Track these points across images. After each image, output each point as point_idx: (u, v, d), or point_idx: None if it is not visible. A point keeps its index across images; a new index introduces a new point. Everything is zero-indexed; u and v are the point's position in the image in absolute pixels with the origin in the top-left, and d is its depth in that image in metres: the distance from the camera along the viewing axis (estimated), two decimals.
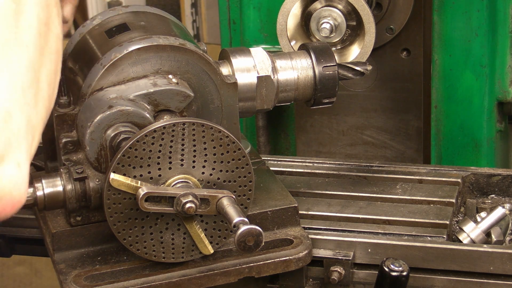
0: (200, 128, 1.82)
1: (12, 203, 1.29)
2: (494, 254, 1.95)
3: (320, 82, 2.09)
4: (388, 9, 2.58)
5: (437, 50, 2.49)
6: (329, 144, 2.80)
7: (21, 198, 1.30)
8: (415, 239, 2.02)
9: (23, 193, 1.30)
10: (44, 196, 1.86)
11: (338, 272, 2.00)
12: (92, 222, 1.94)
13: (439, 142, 2.58)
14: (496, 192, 2.27)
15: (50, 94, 1.39)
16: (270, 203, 2.04)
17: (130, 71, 1.91)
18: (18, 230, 2.23)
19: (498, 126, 2.54)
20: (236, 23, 2.73)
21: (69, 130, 1.92)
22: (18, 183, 1.28)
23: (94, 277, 1.88)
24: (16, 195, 1.29)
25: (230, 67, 2.06)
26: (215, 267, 1.92)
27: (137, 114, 1.86)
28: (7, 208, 1.28)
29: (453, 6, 2.43)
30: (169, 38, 1.94)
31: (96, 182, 1.87)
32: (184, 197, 1.79)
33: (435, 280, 2.00)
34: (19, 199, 1.30)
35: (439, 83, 2.52)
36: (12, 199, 1.28)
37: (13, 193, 1.28)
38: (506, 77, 2.48)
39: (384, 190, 2.23)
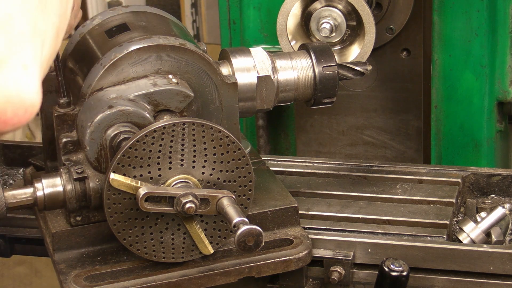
0: (200, 128, 1.82)
1: (24, 106, 1.22)
2: (494, 254, 1.95)
3: (320, 82, 2.09)
4: (388, 9, 2.58)
5: (437, 50, 2.49)
6: (329, 144, 2.80)
7: (33, 101, 1.24)
8: (415, 239, 2.02)
9: (35, 95, 1.23)
10: (44, 196, 1.86)
11: (338, 272, 2.00)
12: (92, 222, 1.94)
13: (439, 142, 2.58)
14: (496, 192, 2.27)
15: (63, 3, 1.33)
16: (270, 203, 2.04)
17: (130, 71, 1.91)
18: (18, 230, 2.23)
19: (498, 126, 2.54)
20: (236, 23, 2.73)
21: (69, 130, 1.92)
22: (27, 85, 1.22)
23: (94, 277, 1.89)
24: (27, 98, 1.23)
25: (230, 67, 2.06)
26: (215, 267, 1.92)
27: (137, 114, 1.86)
28: (19, 112, 1.22)
29: (453, 6, 2.43)
30: (169, 38, 1.94)
31: (96, 182, 1.87)
32: (184, 197, 1.79)
33: (435, 280, 2.00)
34: (31, 102, 1.23)
35: (439, 83, 2.52)
36: (22, 102, 1.22)
37: (22, 96, 1.22)
38: (506, 77, 2.48)
39: (384, 190, 2.23)
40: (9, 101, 1.21)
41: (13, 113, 1.22)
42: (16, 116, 1.23)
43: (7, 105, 1.21)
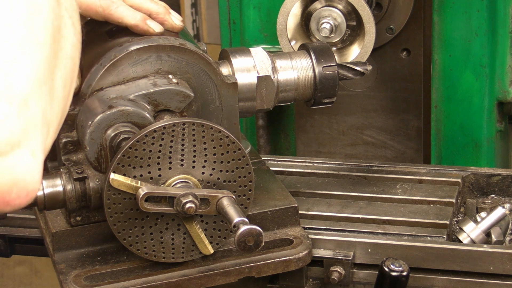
0: (200, 128, 1.82)
1: (27, 191, 1.28)
2: (494, 254, 1.95)
3: (320, 82, 2.09)
4: (388, 9, 2.58)
5: (437, 50, 2.49)
6: (329, 144, 2.80)
7: (35, 187, 1.29)
8: (415, 239, 2.02)
9: (38, 182, 1.29)
10: (44, 196, 1.86)
11: (338, 272, 2.00)
12: (92, 222, 1.94)
13: (439, 142, 2.58)
14: (496, 192, 2.27)
15: (65, 96, 1.40)
16: (270, 203, 2.04)
17: (130, 71, 1.91)
18: (18, 230, 2.23)
19: (498, 126, 2.54)
20: (236, 23, 2.73)
21: (69, 130, 1.92)
22: (33, 171, 1.28)
23: (94, 277, 1.88)
24: (31, 183, 1.28)
25: (230, 67, 2.06)
26: (215, 267, 1.92)
27: (137, 114, 1.86)
28: (22, 195, 1.28)
29: (453, 6, 2.43)
30: (169, 38, 1.94)
31: (96, 182, 1.87)
32: (184, 197, 1.79)
33: (435, 280, 2.00)
34: (33, 188, 1.29)
35: (439, 83, 2.52)
36: (26, 187, 1.27)
37: (27, 181, 1.28)
38: (506, 77, 2.48)
39: (384, 190, 2.23)
40: (16, 184, 1.26)
41: (16, 195, 1.27)
42: (18, 199, 1.27)
43: (13, 187, 1.26)
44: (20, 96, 1.25)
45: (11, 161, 1.24)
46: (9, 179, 1.25)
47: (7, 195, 1.26)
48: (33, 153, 1.27)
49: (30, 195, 1.28)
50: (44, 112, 1.30)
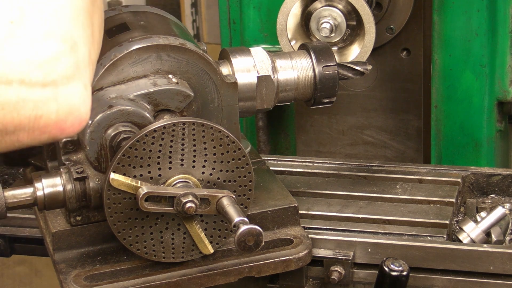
0: (200, 128, 1.82)
1: (80, 119, 1.40)
2: (494, 254, 1.95)
3: (320, 82, 2.09)
4: (388, 9, 2.58)
5: (437, 50, 2.49)
6: (329, 144, 2.80)
7: (87, 116, 1.41)
8: (415, 239, 2.02)
9: (89, 112, 1.41)
10: (44, 196, 1.86)
11: (338, 272, 2.00)
12: (92, 222, 1.94)
13: (439, 142, 2.58)
14: (496, 192, 2.27)
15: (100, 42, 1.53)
16: (270, 203, 2.04)
17: (130, 71, 1.91)
18: (18, 230, 2.23)
19: (498, 126, 2.54)
20: (236, 23, 2.73)
21: None
22: (86, 101, 1.40)
23: (94, 277, 1.88)
24: (84, 113, 1.41)
25: (230, 67, 2.06)
26: (215, 267, 1.92)
27: (137, 114, 1.86)
28: (75, 123, 1.40)
29: (453, 6, 2.43)
30: (169, 38, 1.94)
31: (96, 182, 1.87)
32: (184, 197, 1.79)
33: (435, 280, 2.00)
34: (85, 117, 1.41)
35: (439, 83, 2.52)
36: (80, 116, 1.40)
37: (81, 110, 1.40)
38: (506, 77, 2.48)
39: (384, 190, 2.23)
40: (71, 113, 1.39)
41: (71, 124, 1.40)
42: (72, 127, 1.40)
43: (69, 116, 1.39)
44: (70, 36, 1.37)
45: (68, 92, 1.36)
46: (66, 108, 1.37)
47: (63, 123, 1.38)
48: (85, 86, 1.39)
49: (82, 124, 1.42)
50: (89, 52, 1.43)
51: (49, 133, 1.39)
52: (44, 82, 1.34)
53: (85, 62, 1.42)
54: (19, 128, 1.36)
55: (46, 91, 1.35)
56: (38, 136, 1.39)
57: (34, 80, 1.34)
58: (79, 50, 1.39)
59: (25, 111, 1.35)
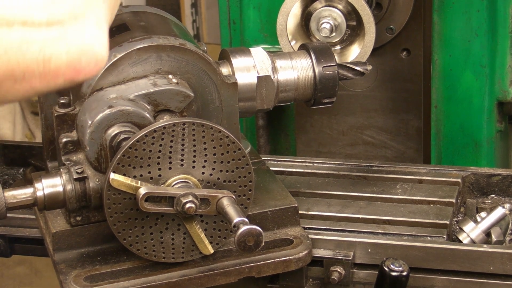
0: (200, 128, 1.82)
1: (96, 59, 1.34)
2: (494, 254, 1.95)
3: (320, 82, 2.09)
4: (388, 9, 2.58)
5: (437, 50, 2.49)
6: (329, 144, 2.80)
7: (103, 56, 1.35)
8: (415, 239, 2.02)
9: (105, 50, 1.35)
10: (44, 196, 1.86)
11: (338, 272, 2.00)
12: (92, 222, 1.94)
13: (439, 142, 2.58)
14: (496, 192, 2.27)
15: None
16: (270, 203, 2.04)
17: (130, 71, 1.91)
18: (18, 230, 2.23)
19: (498, 126, 2.54)
20: (236, 23, 2.73)
21: (69, 130, 1.92)
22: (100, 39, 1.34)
23: (94, 277, 1.89)
24: (99, 52, 1.34)
25: (230, 67, 2.06)
26: (215, 267, 1.92)
27: (137, 114, 1.86)
28: (91, 64, 1.33)
29: (453, 6, 2.43)
30: (169, 38, 1.94)
31: (96, 182, 1.87)
32: (184, 197, 1.79)
33: (435, 280, 2.00)
34: (102, 57, 1.35)
35: (439, 83, 2.52)
36: (95, 55, 1.33)
37: (96, 49, 1.34)
38: (506, 77, 2.48)
39: (384, 190, 2.23)
40: (84, 52, 1.32)
41: (86, 64, 1.33)
42: (88, 67, 1.33)
43: (82, 56, 1.32)
44: None
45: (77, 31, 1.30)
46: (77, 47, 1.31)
47: (77, 63, 1.32)
48: (98, 23, 1.33)
49: (99, 64, 1.34)
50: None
51: (64, 75, 1.33)
52: (49, 22, 1.29)
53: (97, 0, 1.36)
54: (28, 73, 1.30)
55: (52, 30, 1.29)
56: (52, 80, 1.33)
57: (37, 21, 1.28)
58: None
59: (31, 53, 1.29)
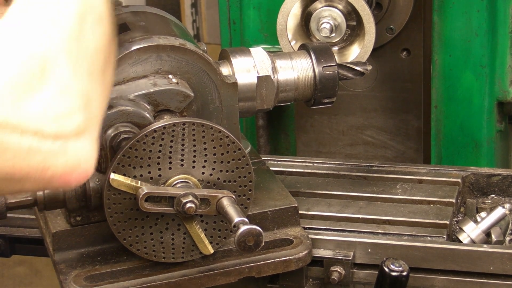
0: (200, 128, 1.82)
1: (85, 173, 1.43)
2: (494, 254, 1.95)
3: (320, 82, 2.09)
4: (388, 9, 2.58)
5: (437, 50, 2.49)
6: (329, 144, 2.80)
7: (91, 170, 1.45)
8: (415, 239, 2.02)
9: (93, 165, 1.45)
10: (44, 196, 1.86)
11: (338, 272, 2.00)
12: (92, 222, 1.94)
13: (439, 142, 2.58)
14: (496, 192, 2.27)
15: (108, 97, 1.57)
16: (270, 203, 2.04)
17: (130, 71, 1.91)
18: (18, 230, 2.23)
19: (498, 126, 2.54)
20: (236, 23, 2.73)
21: None
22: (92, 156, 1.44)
23: (94, 277, 1.88)
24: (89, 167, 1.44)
25: (230, 67, 2.06)
26: (215, 267, 1.92)
27: (137, 114, 1.86)
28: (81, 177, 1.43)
29: (453, 6, 2.43)
30: (169, 38, 1.94)
31: (96, 182, 1.87)
32: (184, 197, 1.79)
33: (435, 280, 2.00)
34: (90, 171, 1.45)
35: (439, 83, 2.52)
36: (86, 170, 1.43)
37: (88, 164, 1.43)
38: (506, 77, 2.48)
39: (384, 190, 2.23)
40: (78, 166, 1.42)
41: (76, 177, 1.42)
42: (76, 180, 1.43)
43: (75, 170, 1.42)
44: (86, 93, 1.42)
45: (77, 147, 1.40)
46: (73, 162, 1.40)
47: (69, 176, 1.41)
48: (93, 141, 1.43)
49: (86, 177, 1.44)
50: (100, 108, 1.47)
51: (54, 184, 1.43)
52: (56, 135, 1.38)
53: (96, 118, 1.46)
54: (26, 177, 1.39)
55: (56, 144, 1.39)
56: (42, 186, 1.44)
57: (47, 133, 1.38)
58: (92, 106, 1.44)
59: (34, 162, 1.38)
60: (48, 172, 1.39)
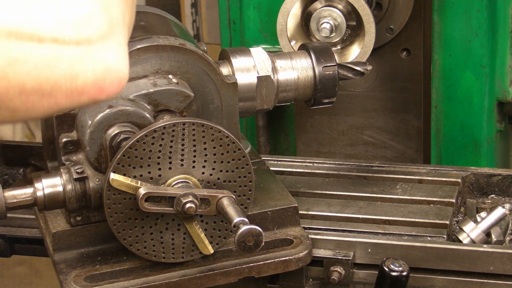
0: (200, 128, 1.82)
1: (119, 78, 1.38)
2: (494, 254, 1.95)
3: (320, 82, 2.09)
4: (388, 9, 2.58)
5: (437, 50, 2.49)
6: (329, 144, 2.80)
7: (125, 75, 1.39)
8: (415, 239, 2.02)
9: (127, 70, 1.39)
10: (44, 196, 1.86)
11: (338, 272, 2.00)
12: (92, 222, 1.94)
13: (439, 142, 2.58)
14: (496, 192, 2.27)
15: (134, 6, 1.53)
16: (270, 203, 2.04)
17: (130, 71, 1.90)
18: (18, 230, 2.23)
19: (498, 126, 2.54)
20: (236, 23, 2.73)
21: (69, 130, 1.92)
22: (123, 59, 1.38)
23: (94, 277, 1.89)
24: (122, 71, 1.39)
25: (230, 67, 2.06)
26: (215, 267, 1.92)
27: (137, 114, 1.86)
28: (114, 82, 1.38)
29: (453, 6, 2.43)
30: (169, 38, 1.94)
31: (96, 182, 1.87)
32: (184, 197, 1.79)
33: (435, 280, 2.00)
34: (124, 76, 1.39)
35: (439, 83, 2.52)
36: (118, 74, 1.38)
37: (119, 68, 1.38)
38: (506, 77, 2.48)
39: (384, 190, 2.23)
40: (109, 71, 1.36)
41: (110, 83, 1.37)
42: (112, 86, 1.37)
43: (107, 75, 1.36)
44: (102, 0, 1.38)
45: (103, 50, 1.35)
46: (102, 66, 1.36)
47: (102, 82, 1.36)
48: (121, 44, 1.39)
49: (121, 83, 1.39)
50: (123, 14, 1.43)
51: (88, 94, 1.37)
52: (77, 41, 1.34)
53: (119, 21, 1.41)
54: (56, 88, 1.34)
55: (80, 49, 1.34)
56: (77, 98, 1.37)
57: (67, 39, 1.33)
58: (112, 10, 1.39)
59: (59, 70, 1.33)
60: (78, 80, 1.35)
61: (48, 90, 1.34)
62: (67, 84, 1.35)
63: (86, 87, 1.36)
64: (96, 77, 1.36)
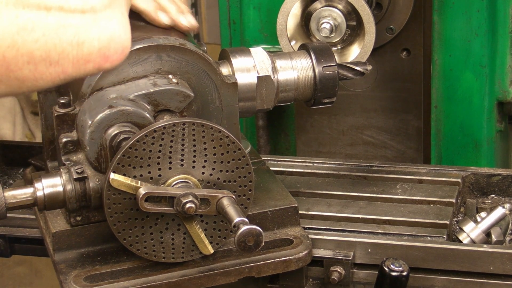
0: (200, 128, 1.82)
1: (122, 46, 1.43)
2: (494, 254, 1.95)
3: (320, 82, 2.09)
4: (388, 9, 2.58)
5: (437, 50, 2.49)
6: (329, 144, 2.80)
7: (128, 43, 1.44)
8: (415, 239, 2.02)
9: (130, 38, 1.44)
10: (44, 196, 1.86)
11: (338, 272, 2.00)
12: (92, 222, 1.94)
13: (439, 142, 2.58)
14: (496, 192, 2.28)
15: None
16: (270, 203, 2.04)
17: (130, 71, 1.91)
18: (18, 230, 2.23)
19: (498, 126, 2.54)
20: (236, 23, 2.73)
21: (69, 130, 1.92)
22: (126, 27, 1.43)
23: (94, 277, 1.89)
24: (125, 39, 1.43)
25: (230, 67, 2.06)
26: (215, 267, 1.92)
27: (137, 114, 1.86)
28: (118, 50, 1.43)
29: (453, 6, 2.43)
30: (169, 38, 1.94)
31: (96, 182, 1.87)
32: (184, 197, 1.79)
33: (435, 280, 2.00)
34: (127, 44, 1.44)
35: (439, 83, 2.52)
36: (121, 42, 1.43)
37: (122, 36, 1.43)
38: (506, 77, 2.48)
39: (384, 190, 2.23)
40: (113, 39, 1.41)
41: (114, 51, 1.42)
42: (116, 54, 1.42)
43: (111, 42, 1.41)
44: None
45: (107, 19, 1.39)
46: (107, 34, 1.40)
47: (107, 50, 1.41)
48: (123, 13, 1.43)
49: (125, 52, 1.44)
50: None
51: (94, 61, 1.41)
52: (83, 9, 1.37)
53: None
54: (63, 56, 1.38)
55: (85, 17, 1.38)
56: (83, 66, 1.41)
57: (73, 7, 1.37)
58: None
59: (66, 37, 1.37)
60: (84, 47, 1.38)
61: (55, 58, 1.37)
62: (73, 52, 1.38)
63: (91, 55, 1.40)
64: (101, 45, 1.40)
